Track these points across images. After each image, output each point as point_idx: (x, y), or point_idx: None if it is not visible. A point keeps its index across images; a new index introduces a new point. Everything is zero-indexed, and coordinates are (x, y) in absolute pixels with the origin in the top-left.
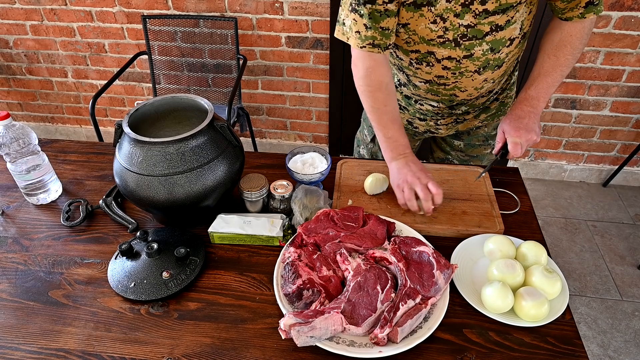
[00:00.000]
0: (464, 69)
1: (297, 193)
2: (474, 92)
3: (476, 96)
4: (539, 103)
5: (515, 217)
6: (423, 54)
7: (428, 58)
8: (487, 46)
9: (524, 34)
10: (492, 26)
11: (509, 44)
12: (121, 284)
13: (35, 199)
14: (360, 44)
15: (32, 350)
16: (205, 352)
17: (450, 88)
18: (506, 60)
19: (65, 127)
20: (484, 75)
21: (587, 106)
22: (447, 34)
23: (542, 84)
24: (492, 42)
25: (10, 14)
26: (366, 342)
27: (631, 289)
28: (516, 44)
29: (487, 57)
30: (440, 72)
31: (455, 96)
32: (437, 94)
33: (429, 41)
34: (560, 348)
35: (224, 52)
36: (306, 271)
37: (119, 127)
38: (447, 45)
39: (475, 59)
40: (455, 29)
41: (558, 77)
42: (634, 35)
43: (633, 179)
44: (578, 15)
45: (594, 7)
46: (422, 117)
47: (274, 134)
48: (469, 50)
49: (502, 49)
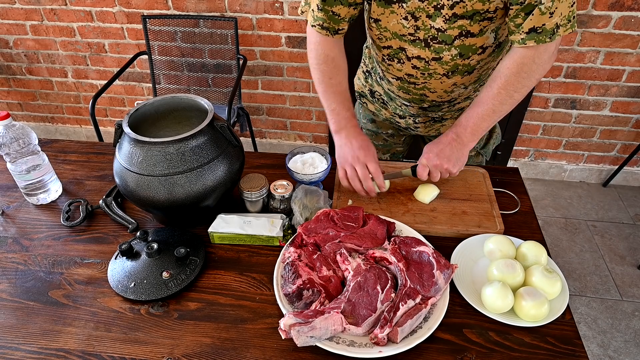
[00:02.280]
0: (432, 71)
1: (297, 193)
2: (444, 94)
3: (447, 99)
4: (465, 132)
5: (515, 217)
6: (395, 49)
7: (399, 54)
8: (455, 51)
9: (498, 44)
10: (461, 31)
11: (480, 52)
12: (121, 284)
13: (35, 199)
14: (312, 22)
15: (32, 350)
16: (205, 352)
17: (420, 88)
18: (477, 67)
19: (65, 127)
20: (453, 80)
21: (587, 106)
22: (418, 33)
23: (473, 114)
24: (461, 47)
25: (10, 14)
26: (366, 342)
27: (631, 289)
28: (489, 53)
29: (455, 62)
30: (410, 71)
31: (425, 96)
32: (407, 92)
33: (401, 36)
34: (560, 348)
35: (224, 52)
36: (306, 271)
37: (119, 127)
38: (417, 44)
39: (443, 63)
40: (426, 30)
41: (489, 110)
42: (634, 35)
43: (633, 179)
44: (519, 40)
45: (536, 35)
46: (402, 114)
47: (274, 134)
48: (437, 53)
49: (472, 56)
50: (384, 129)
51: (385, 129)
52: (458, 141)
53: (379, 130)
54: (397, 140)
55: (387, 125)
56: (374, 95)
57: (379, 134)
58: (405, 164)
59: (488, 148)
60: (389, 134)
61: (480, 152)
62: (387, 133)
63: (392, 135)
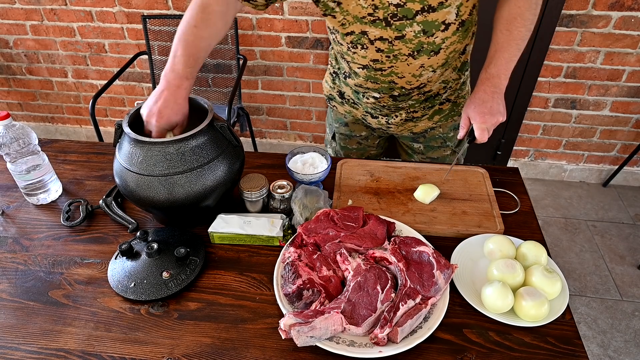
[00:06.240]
0: (397, 52)
1: (297, 193)
2: (413, 79)
3: (417, 85)
4: (501, 81)
5: (515, 217)
6: (357, 34)
7: (362, 39)
8: (418, 27)
9: (461, 22)
10: (423, 5)
11: (443, 29)
12: (121, 284)
13: (35, 199)
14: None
15: (32, 350)
16: (205, 352)
17: (387, 74)
18: (443, 47)
19: (65, 127)
20: (420, 61)
21: (587, 106)
22: (377, 12)
23: (500, 60)
24: (424, 23)
25: (10, 14)
26: (366, 342)
27: (631, 289)
28: (453, 31)
29: (420, 40)
30: (374, 55)
31: (393, 83)
32: (375, 81)
33: (361, 19)
34: (560, 348)
35: (224, 52)
36: (306, 271)
37: (119, 127)
38: (378, 25)
39: (407, 41)
40: (385, 8)
41: (515, 51)
42: (634, 35)
43: (633, 179)
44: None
45: None
46: (373, 113)
47: (274, 134)
48: (400, 30)
49: (436, 33)
50: (357, 131)
51: (359, 132)
52: (498, 92)
53: (352, 133)
54: (371, 142)
55: (360, 127)
56: (343, 96)
57: (353, 137)
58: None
59: (463, 145)
60: (362, 136)
61: (455, 150)
62: (360, 136)
63: (366, 138)
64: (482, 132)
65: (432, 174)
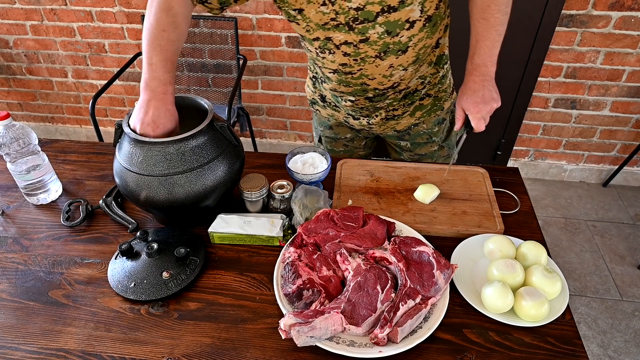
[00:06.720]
0: (363, 55)
1: (297, 193)
2: (384, 80)
3: (390, 85)
4: (488, 68)
5: (515, 217)
6: (323, 40)
7: (328, 44)
8: (381, 29)
9: (428, 17)
10: (383, 7)
11: (408, 27)
12: (121, 284)
13: (35, 199)
14: None
15: (32, 350)
16: (205, 352)
17: (357, 77)
18: (411, 45)
19: (65, 127)
20: (388, 61)
21: (587, 106)
22: (338, 17)
23: (483, 49)
24: (386, 23)
25: (10, 14)
26: (366, 342)
27: (631, 289)
28: (419, 27)
29: (384, 41)
30: (342, 60)
31: (365, 85)
32: (347, 84)
33: (323, 26)
34: (560, 348)
35: (224, 52)
36: (306, 271)
37: (119, 127)
38: (341, 29)
39: (372, 43)
40: (345, 12)
41: (496, 37)
42: (634, 35)
43: (633, 179)
44: None
45: None
46: (354, 115)
47: (274, 134)
48: (363, 34)
49: (400, 32)
50: (342, 133)
51: (344, 134)
52: (487, 79)
53: (337, 135)
54: (357, 144)
55: (344, 129)
56: (324, 100)
57: (338, 139)
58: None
59: (450, 140)
60: (348, 138)
61: (442, 145)
62: (346, 138)
63: (352, 140)
64: (478, 121)
65: (432, 173)
